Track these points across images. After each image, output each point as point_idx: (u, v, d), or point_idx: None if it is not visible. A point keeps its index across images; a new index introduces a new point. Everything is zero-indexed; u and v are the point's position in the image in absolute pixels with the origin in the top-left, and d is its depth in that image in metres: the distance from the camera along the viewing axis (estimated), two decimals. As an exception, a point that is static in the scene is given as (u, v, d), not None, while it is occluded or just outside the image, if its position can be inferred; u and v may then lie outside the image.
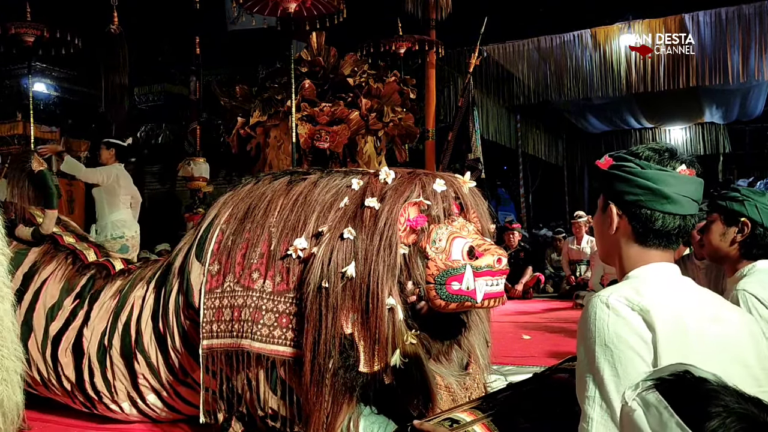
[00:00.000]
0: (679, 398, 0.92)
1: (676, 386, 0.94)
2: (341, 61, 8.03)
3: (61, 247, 3.20)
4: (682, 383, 0.94)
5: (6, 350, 1.92)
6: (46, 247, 3.18)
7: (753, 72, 9.94)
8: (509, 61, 11.30)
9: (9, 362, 1.93)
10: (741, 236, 2.26)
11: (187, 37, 10.29)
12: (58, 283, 3.04)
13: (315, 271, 2.26)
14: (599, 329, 1.29)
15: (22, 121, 9.31)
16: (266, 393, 2.40)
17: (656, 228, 1.41)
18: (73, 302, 2.98)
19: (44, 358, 2.94)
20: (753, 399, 0.90)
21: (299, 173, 2.70)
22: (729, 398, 0.89)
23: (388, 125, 8.09)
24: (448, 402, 2.32)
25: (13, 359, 1.94)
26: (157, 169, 12.68)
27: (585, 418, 1.29)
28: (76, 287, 3.02)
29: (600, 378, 1.27)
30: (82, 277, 3.06)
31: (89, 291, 3.01)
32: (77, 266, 3.12)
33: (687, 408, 0.89)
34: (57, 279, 3.06)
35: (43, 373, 2.95)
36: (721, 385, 0.92)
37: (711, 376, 0.94)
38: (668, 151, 1.43)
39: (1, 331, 1.92)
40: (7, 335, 1.94)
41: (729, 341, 1.34)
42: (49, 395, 3.06)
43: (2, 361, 1.91)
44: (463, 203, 2.45)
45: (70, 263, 3.13)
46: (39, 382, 2.98)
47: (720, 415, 0.86)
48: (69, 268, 3.11)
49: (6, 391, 1.91)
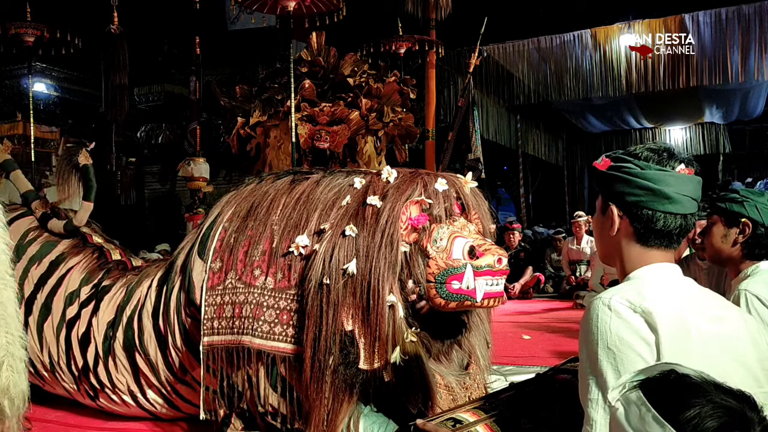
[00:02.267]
0: (660, 394, 0.93)
1: (659, 383, 0.94)
2: (341, 61, 8.02)
3: (89, 244, 3.29)
4: (664, 380, 0.95)
5: (11, 336, 1.94)
6: (75, 241, 3.27)
7: (753, 72, 9.94)
8: (509, 61, 11.31)
9: (14, 348, 1.94)
10: (742, 237, 2.26)
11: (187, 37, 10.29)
12: (81, 273, 3.12)
13: (316, 267, 2.26)
14: (601, 332, 1.29)
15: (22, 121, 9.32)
16: (266, 390, 2.40)
17: (658, 228, 1.41)
18: (89, 291, 3.05)
19: (58, 340, 2.99)
20: (736, 392, 0.90)
21: (302, 173, 2.71)
22: (709, 391, 0.89)
23: (388, 125, 8.08)
24: (447, 401, 2.33)
25: (18, 346, 1.96)
26: (157, 169, 12.69)
27: (588, 421, 1.29)
28: (94, 279, 3.10)
29: (603, 381, 1.27)
30: (101, 270, 3.14)
31: (103, 282, 3.07)
32: (101, 261, 3.20)
33: (666, 402, 0.90)
34: (80, 269, 3.13)
35: (54, 356, 3.00)
36: (703, 379, 0.92)
37: (693, 372, 0.95)
38: (667, 150, 1.43)
39: (5, 318, 1.93)
40: (12, 322, 1.96)
41: (730, 342, 1.34)
42: (55, 387, 3.09)
43: (7, 347, 1.92)
44: (465, 203, 2.46)
45: (95, 258, 3.22)
46: (48, 367, 3.03)
47: (697, 404, 0.87)
48: (93, 262, 3.20)
49: (12, 377, 1.93)
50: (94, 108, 12.48)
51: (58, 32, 7.00)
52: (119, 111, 9.27)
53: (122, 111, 9.36)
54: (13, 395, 1.92)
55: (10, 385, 1.92)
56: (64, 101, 12.80)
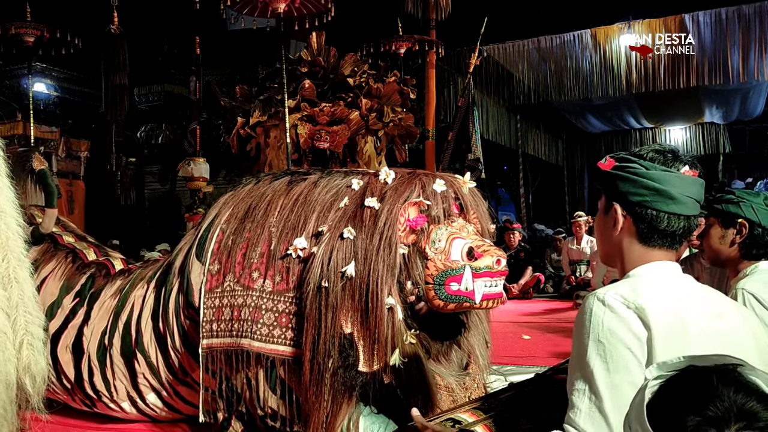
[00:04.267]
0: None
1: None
2: (341, 61, 8.02)
3: (60, 246, 3.20)
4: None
5: (29, 316, 1.94)
6: (45, 246, 3.18)
7: (753, 72, 9.94)
8: (509, 61, 11.30)
9: (33, 328, 1.94)
10: (740, 237, 2.27)
11: (187, 37, 10.29)
12: (58, 281, 3.05)
13: (315, 270, 2.26)
14: (594, 325, 1.31)
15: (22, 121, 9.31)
16: (266, 392, 2.40)
17: (661, 228, 1.41)
18: (72, 301, 2.99)
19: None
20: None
21: (300, 173, 2.70)
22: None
23: (388, 125, 8.08)
24: (447, 402, 2.33)
25: (36, 326, 1.95)
26: (157, 169, 12.69)
27: (572, 409, 1.31)
28: (76, 286, 3.03)
29: (590, 372, 1.29)
30: (82, 275, 3.07)
31: (89, 290, 3.01)
32: (77, 265, 3.12)
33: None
34: (56, 277, 3.06)
35: None
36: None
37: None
38: (672, 152, 1.44)
39: (23, 298, 1.93)
40: (29, 302, 1.96)
41: (730, 337, 1.35)
42: (48, 395, 3.06)
43: (26, 326, 1.92)
44: (463, 204, 2.45)
45: (70, 262, 3.14)
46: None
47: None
48: (68, 267, 3.12)
49: (32, 355, 1.93)
50: (94, 108, 12.47)
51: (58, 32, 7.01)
52: (119, 111, 9.28)
53: (122, 111, 9.36)
54: (34, 373, 1.93)
55: (30, 363, 1.92)
56: (64, 101, 12.79)
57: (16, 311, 1.90)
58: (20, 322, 1.91)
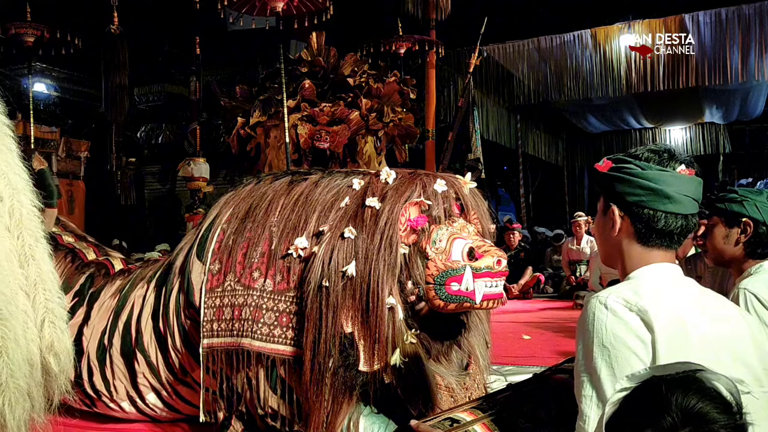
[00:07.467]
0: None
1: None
2: (341, 61, 8.01)
3: (60, 246, 3.21)
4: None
5: (49, 293, 1.88)
6: None
7: (753, 72, 9.94)
8: (509, 61, 11.30)
9: (53, 305, 1.89)
10: (744, 236, 2.26)
11: (187, 37, 10.29)
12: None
13: (315, 270, 2.26)
14: (597, 330, 1.30)
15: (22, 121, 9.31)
16: (266, 392, 2.40)
17: (659, 228, 1.41)
18: (72, 300, 2.99)
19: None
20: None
21: (300, 173, 2.70)
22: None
23: (388, 125, 8.08)
24: (448, 402, 2.33)
25: (56, 303, 1.91)
26: (157, 169, 12.68)
27: (582, 417, 1.30)
28: (75, 285, 3.03)
29: (597, 377, 1.28)
30: (81, 275, 3.07)
31: (89, 290, 3.02)
32: (76, 264, 3.13)
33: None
34: None
35: None
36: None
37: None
38: (667, 151, 1.44)
39: (41, 276, 1.89)
40: (48, 279, 1.91)
41: (731, 341, 1.34)
42: None
43: (46, 304, 1.87)
44: (464, 204, 2.46)
45: (69, 261, 3.14)
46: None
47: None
48: (68, 267, 3.12)
49: (55, 333, 1.87)
50: (94, 108, 12.46)
51: (58, 32, 7.00)
52: (119, 111, 9.27)
53: (122, 111, 9.36)
54: (58, 351, 1.86)
55: (54, 341, 1.86)
56: (64, 101, 12.78)
57: (35, 290, 1.86)
58: (40, 300, 1.86)
